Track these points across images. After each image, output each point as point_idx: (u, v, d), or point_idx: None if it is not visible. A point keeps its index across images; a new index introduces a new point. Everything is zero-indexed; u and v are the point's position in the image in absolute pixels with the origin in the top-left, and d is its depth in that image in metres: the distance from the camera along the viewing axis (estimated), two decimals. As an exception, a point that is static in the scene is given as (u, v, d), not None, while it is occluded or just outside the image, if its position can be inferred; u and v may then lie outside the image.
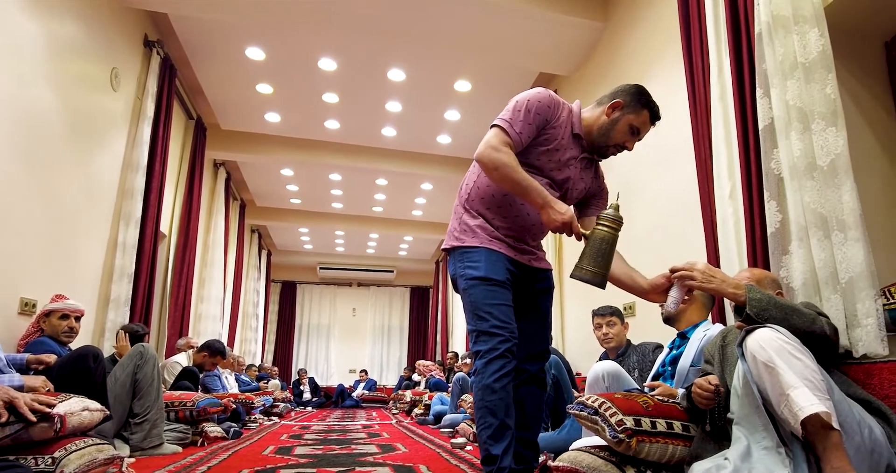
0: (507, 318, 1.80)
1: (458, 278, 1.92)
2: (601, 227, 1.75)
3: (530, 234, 2.00)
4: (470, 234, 1.93)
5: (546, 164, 1.95)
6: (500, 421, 1.71)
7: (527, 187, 1.77)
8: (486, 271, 1.84)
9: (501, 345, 1.75)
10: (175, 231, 5.82)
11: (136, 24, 4.62)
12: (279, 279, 13.01)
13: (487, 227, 1.93)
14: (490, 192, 1.94)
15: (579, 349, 4.37)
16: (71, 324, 3.01)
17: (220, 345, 4.60)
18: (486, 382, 1.72)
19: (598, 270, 1.75)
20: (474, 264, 1.87)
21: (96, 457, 2.01)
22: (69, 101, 3.67)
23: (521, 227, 1.96)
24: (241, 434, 4.10)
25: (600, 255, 1.75)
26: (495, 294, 1.82)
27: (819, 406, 1.31)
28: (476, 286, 1.84)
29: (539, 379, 2.00)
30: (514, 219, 1.95)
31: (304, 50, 5.17)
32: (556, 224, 1.74)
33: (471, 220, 1.96)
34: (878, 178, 2.38)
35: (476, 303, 1.82)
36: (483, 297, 1.82)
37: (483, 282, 1.83)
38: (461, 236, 1.94)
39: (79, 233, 3.89)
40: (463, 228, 1.96)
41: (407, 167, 7.45)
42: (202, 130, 6.36)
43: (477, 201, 1.97)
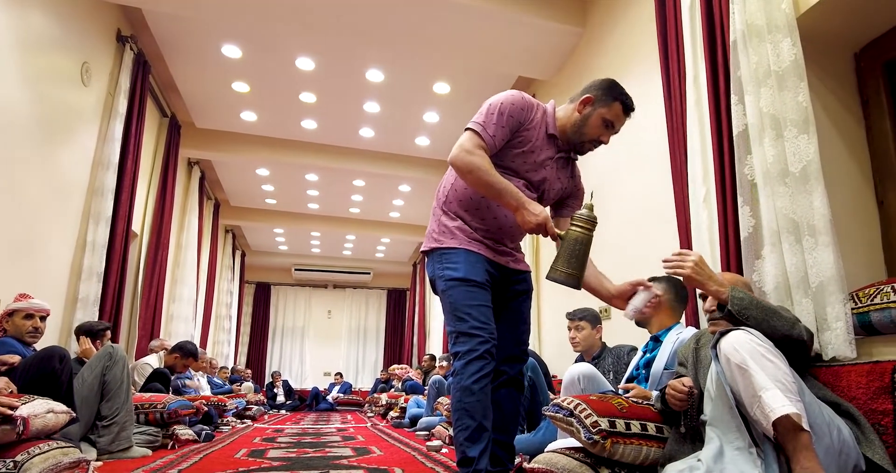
0: (487, 319, 1.80)
1: (437, 279, 1.90)
2: (575, 228, 1.76)
3: (508, 236, 2.00)
4: (449, 235, 1.92)
5: (521, 166, 1.96)
6: (477, 423, 1.70)
7: (501, 190, 1.77)
8: (465, 273, 1.84)
9: (480, 346, 1.74)
10: (147, 230, 5.71)
11: (109, 19, 4.53)
12: (253, 281, 12.84)
13: (466, 228, 1.93)
14: (468, 194, 1.94)
15: (555, 352, 4.40)
16: (36, 324, 2.92)
17: (192, 347, 4.52)
18: (464, 383, 1.71)
19: (572, 271, 1.75)
20: (453, 265, 1.86)
21: (61, 461, 1.95)
22: (37, 94, 3.58)
23: (498, 229, 1.96)
24: (213, 436, 4.03)
25: (574, 256, 1.75)
26: (474, 295, 1.82)
27: (790, 408, 1.33)
28: (455, 288, 1.83)
29: (517, 381, 1.99)
30: (491, 220, 1.95)
31: (282, 48, 5.12)
32: (530, 226, 1.74)
33: (449, 222, 1.95)
34: (847, 184, 2.44)
35: (455, 304, 1.81)
36: (462, 298, 1.81)
37: (462, 283, 1.83)
38: (440, 238, 1.94)
39: (45, 231, 3.79)
40: (442, 229, 1.95)
41: (385, 169, 7.42)
42: (176, 127, 6.25)
43: (455, 203, 1.97)
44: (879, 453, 1.45)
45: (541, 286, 5.03)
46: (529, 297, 2.08)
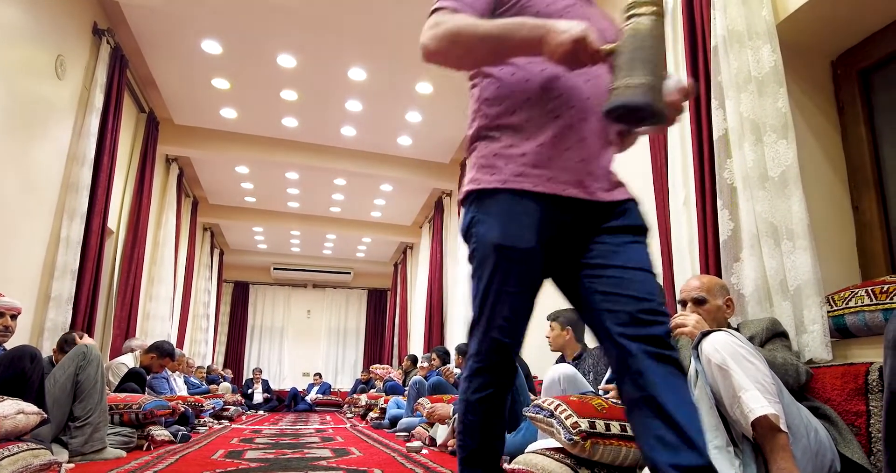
0: (513, 315, 1.27)
1: (468, 233, 1.36)
2: (635, 17, 1.10)
3: (584, 135, 1.30)
4: (488, 169, 1.31)
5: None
6: (475, 446, 1.33)
7: (506, 31, 1.20)
8: (501, 234, 1.26)
9: (492, 357, 1.28)
10: (123, 228, 5.61)
11: (85, 11, 4.43)
12: (231, 279, 12.69)
13: (514, 150, 1.30)
14: (505, 92, 1.33)
15: (536, 353, 4.41)
16: (6, 323, 2.83)
17: (169, 347, 4.44)
18: (467, 396, 1.32)
19: (645, 80, 1.05)
20: (487, 220, 1.29)
21: (31, 463, 1.91)
22: (9, 88, 3.49)
23: (569, 125, 1.29)
24: (189, 437, 3.97)
25: (645, 57, 1.07)
26: (507, 275, 1.26)
27: (768, 409, 1.35)
28: (486, 259, 1.28)
29: (662, 356, 1.14)
30: (554, 102, 1.28)
31: (263, 45, 5.06)
32: (564, 47, 1.12)
33: (491, 144, 1.33)
34: (824, 189, 2.49)
35: (479, 285, 1.29)
36: (490, 278, 1.27)
37: (494, 253, 1.26)
38: (478, 176, 1.34)
39: (16, 227, 3.70)
40: (481, 162, 1.34)
41: (366, 168, 7.38)
42: (154, 123, 6.15)
43: (493, 113, 1.35)
44: (858, 452, 1.48)
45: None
46: (642, 237, 1.35)
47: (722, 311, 1.93)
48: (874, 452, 1.57)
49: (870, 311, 1.86)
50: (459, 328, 6.10)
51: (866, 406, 1.65)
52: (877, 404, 1.62)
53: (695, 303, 1.95)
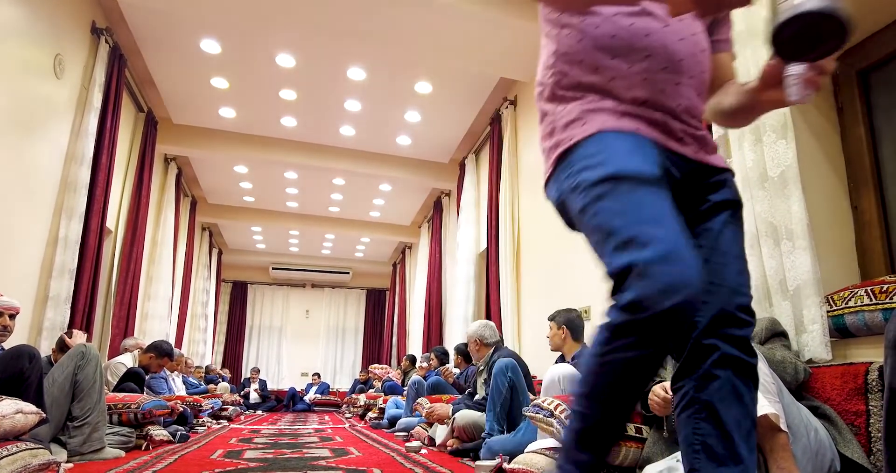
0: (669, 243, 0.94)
1: (571, 196, 1.10)
2: None
3: (676, 85, 1.13)
4: (579, 123, 1.13)
5: None
6: (600, 417, 0.96)
7: None
8: (620, 164, 1.03)
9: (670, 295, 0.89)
10: (122, 227, 5.60)
11: (84, 10, 4.42)
12: (230, 279, 12.68)
13: (605, 102, 1.13)
14: (587, 46, 1.16)
15: (536, 352, 4.41)
16: (4, 322, 2.82)
17: (167, 346, 4.44)
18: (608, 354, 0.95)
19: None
20: (593, 160, 1.07)
21: (30, 463, 1.90)
22: (7, 87, 3.48)
23: (661, 89, 1.12)
24: (188, 437, 3.96)
25: None
26: (643, 197, 1.00)
27: (768, 408, 1.35)
28: (605, 196, 1.02)
29: (743, 363, 1.05)
30: (642, 63, 1.12)
31: (262, 44, 5.05)
32: None
33: (571, 104, 1.17)
34: (823, 189, 2.49)
35: (610, 221, 1.00)
36: (622, 206, 1.00)
37: (618, 183, 1.01)
38: (568, 133, 1.14)
39: (14, 226, 3.69)
40: (566, 119, 1.15)
41: (365, 167, 7.38)
42: (153, 123, 6.14)
43: (572, 71, 1.17)
44: (858, 452, 1.48)
45: (522, 279, 5.05)
46: (738, 215, 1.17)
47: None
48: (874, 451, 1.57)
49: (869, 311, 1.86)
50: (458, 328, 6.10)
51: (866, 406, 1.65)
52: (876, 403, 1.62)
53: None
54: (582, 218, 1.07)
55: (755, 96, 1.07)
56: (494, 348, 3.64)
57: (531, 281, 4.89)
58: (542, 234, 4.74)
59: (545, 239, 4.67)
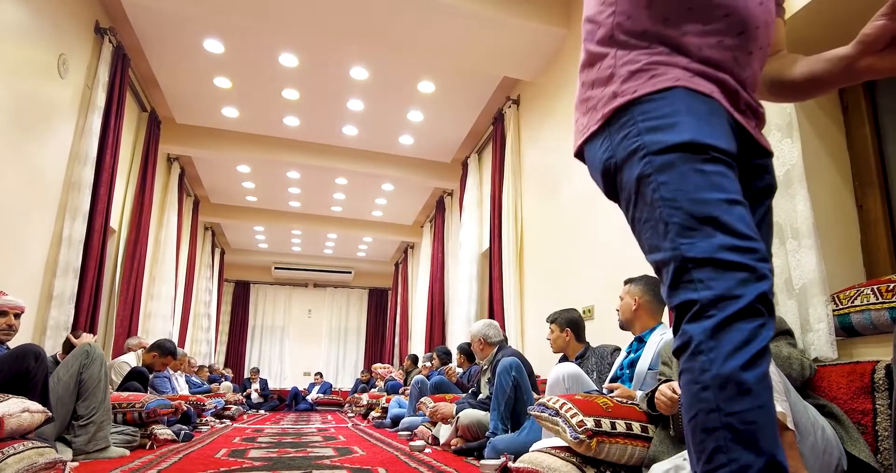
0: (751, 229, 0.88)
1: (626, 160, 0.98)
2: None
3: (749, 54, 1.04)
4: (645, 74, 1.00)
5: None
6: (766, 459, 0.77)
7: None
8: (695, 131, 0.92)
9: (749, 288, 0.83)
10: (125, 227, 5.61)
11: (87, 10, 4.43)
12: (232, 279, 12.70)
13: (676, 57, 1.00)
14: None
15: (539, 352, 4.41)
16: (9, 321, 2.84)
17: (170, 345, 4.44)
18: (724, 370, 0.80)
19: None
20: (663, 121, 0.94)
21: (36, 461, 1.91)
22: (11, 87, 3.49)
23: (734, 56, 1.03)
24: (192, 436, 3.97)
25: None
26: (718, 179, 0.90)
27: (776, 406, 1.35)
28: (675, 166, 0.91)
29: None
30: (718, 23, 1.01)
31: (265, 44, 5.06)
32: None
33: (638, 52, 1.02)
34: (828, 188, 2.48)
35: (679, 199, 0.90)
36: (695, 185, 0.89)
37: (691, 156, 0.91)
38: (630, 85, 1.00)
39: (19, 226, 3.70)
40: (629, 69, 1.02)
41: (368, 167, 7.38)
42: (156, 123, 6.15)
43: (640, 15, 1.03)
44: (865, 451, 1.48)
45: (525, 279, 5.05)
46: (771, 203, 1.13)
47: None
48: (881, 450, 1.57)
49: (876, 309, 1.86)
50: (461, 328, 6.10)
51: (872, 405, 1.65)
52: (883, 402, 1.62)
53: None
54: (637, 188, 0.96)
55: (850, 64, 0.96)
56: (498, 347, 3.64)
57: (534, 280, 4.89)
58: (546, 233, 4.74)
59: (548, 239, 4.67)
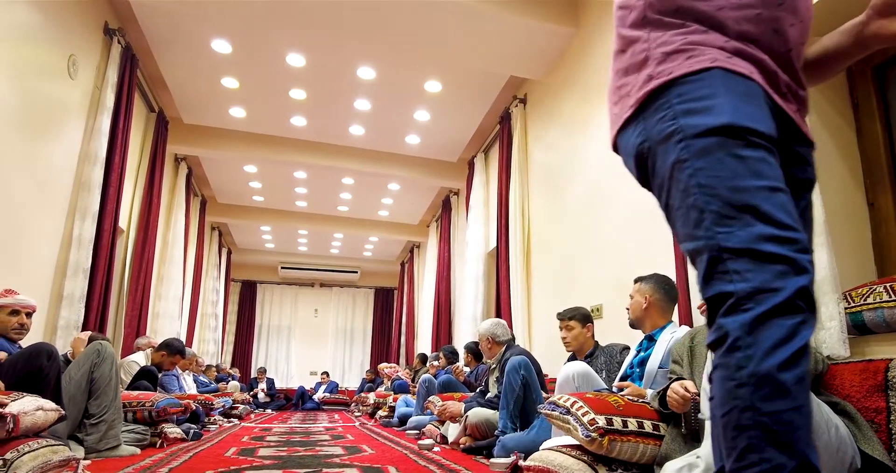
0: (792, 218, 0.84)
1: (661, 144, 0.94)
2: None
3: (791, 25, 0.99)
4: (682, 55, 0.95)
5: None
6: (798, 462, 0.75)
7: None
8: (736, 113, 0.88)
9: (788, 281, 0.79)
10: (133, 227, 5.63)
11: (96, 11, 4.46)
12: (239, 279, 12.74)
13: (711, 35, 0.96)
14: None
15: (547, 351, 4.41)
16: (22, 320, 2.86)
17: (179, 344, 4.46)
18: (762, 368, 0.77)
19: None
20: (700, 103, 0.90)
21: (51, 459, 1.92)
22: (22, 87, 3.51)
23: (772, 16, 0.97)
24: (201, 435, 3.99)
25: None
26: (758, 165, 0.86)
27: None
28: (713, 150, 0.87)
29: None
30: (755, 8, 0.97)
31: (273, 44, 5.07)
32: None
33: (671, 32, 0.99)
34: (839, 186, 2.47)
35: (717, 186, 0.86)
36: (736, 172, 0.85)
37: (728, 139, 0.87)
38: (666, 66, 0.96)
39: (30, 226, 3.72)
40: (664, 50, 0.97)
41: (374, 167, 7.39)
42: (164, 123, 6.18)
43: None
44: (878, 449, 1.47)
45: (532, 278, 5.04)
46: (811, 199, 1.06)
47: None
48: (895, 449, 1.56)
49: (889, 307, 1.85)
50: (467, 327, 6.10)
51: (886, 403, 1.64)
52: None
53: None
54: (671, 174, 0.91)
55: (860, 31, 0.96)
56: (506, 346, 3.65)
57: (542, 279, 4.89)
58: (553, 232, 4.73)
59: (556, 237, 4.67)
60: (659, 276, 2.54)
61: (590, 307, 3.68)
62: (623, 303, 3.03)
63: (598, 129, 4.08)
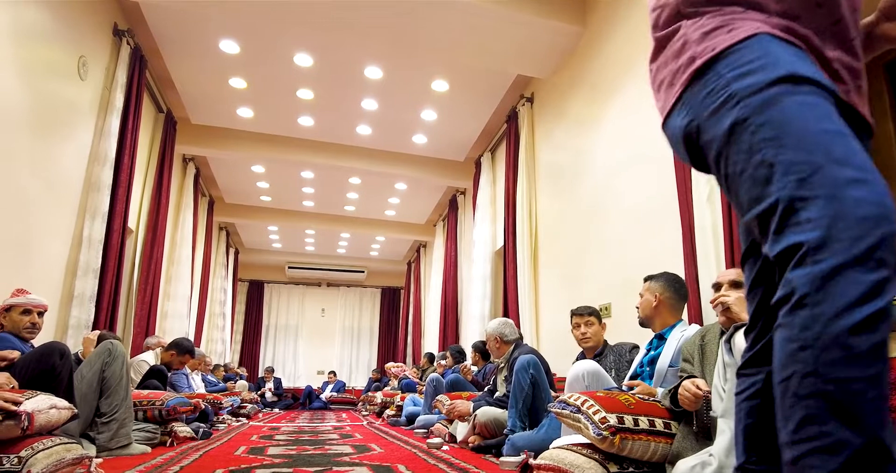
0: (870, 163, 0.77)
1: (712, 117, 0.88)
2: None
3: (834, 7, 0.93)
4: (723, 29, 0.92)
5: None
6: (865, 440, 0.65)
7: None
8: (793, 65, 0.83)
9: (870, 229, 0.70)
10: (143, 227, 5.67)
11: (106, 12, 4.48)
12: (246, 278, 12.78)
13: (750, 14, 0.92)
14: None
15: (554, 350, 4.41)
16: (33, 319, 2.88)
17: (188, 344, 4.49)
18: (831, 330, 0.68)
19: None
20: (751, 65, 0.85)
21: (64, 457, 1.93)
22: (33, 89, 3.54)
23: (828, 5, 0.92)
24: (210, 434, 4.00)
25: None
26: (828, 111, 0.80)
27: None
28: (777, 101, 0.80)
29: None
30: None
31: (280, 44, 5.09)
32: None
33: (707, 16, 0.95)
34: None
35: (784, 135, 0.78)
36: (804, 117, 0.79)
37: (793, 86, 0.81)
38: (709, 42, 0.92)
39: (41, 226, 3.75)
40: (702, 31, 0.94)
41: (381, 166, 7.40)
42: (172, 123, 6.21)
43: None
44: (895, 447, 1.46)
45: (540, 277, 5.04)
46: None
47: (755, 302, 1.91)
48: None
49: (902, 305, 1.83)
50: (475, 326, 6.10)
51: (900, 401, 1.63)
52: (911, 399, 1.60)
53: (731, 286, 1.94)
54: (728, 139, 0.84)
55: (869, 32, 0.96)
56: (515, 345, 3.64)
57: (549, 279, 4.88)
58: (561, 231, 4.72)
59: (563, 237, 4.66)
60: (669, 274, 2.53)
61: (598, 306, 3.68)
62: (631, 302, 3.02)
63: (606, 128, 4.08)
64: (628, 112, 3.78)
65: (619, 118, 3.91)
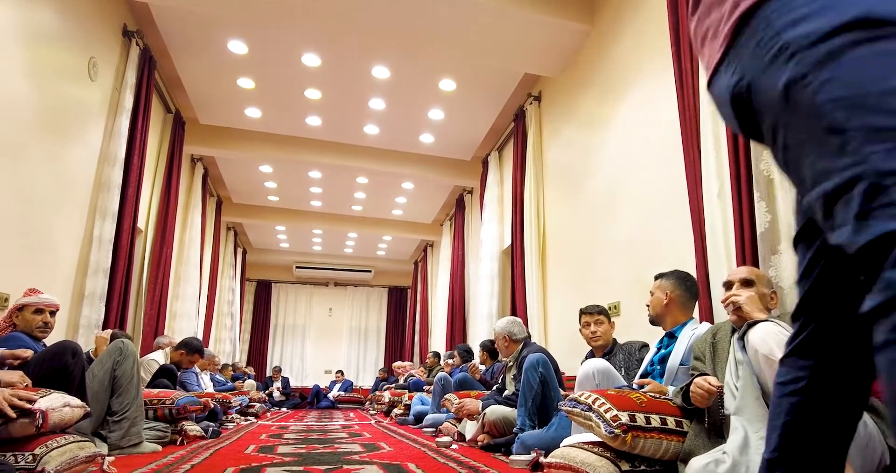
0: None
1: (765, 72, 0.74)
2: None
3: None
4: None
5: None
6: None
7: None
8: (864, 3, 0.65)
9: None
10: (152, 227, 5.70)
11: (115, 13, 4.51)
12: (254, 278, 12.83)
13: None
14: None
15: (563, 348, 4.39)
16: (45, 319, 2.90)
17: (198, 343, 4.51)
18: None
19: None
20: (808, 7, 0.70)
21: (77, 455, 1.95)
22: (43, 90, 3.56)
23: None
24: (219, 433, 4.02)
25: None
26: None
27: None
28: (843, 52, 0.64)
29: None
30: None
31: (288, 45, 5.10)
32: None
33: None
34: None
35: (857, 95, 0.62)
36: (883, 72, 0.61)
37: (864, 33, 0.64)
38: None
39: (52, 226, 3.78)
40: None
41: (388, 166, 7.41)
42: (180, 123, 6.24)
43: None
44: (911, 445, 1.45)
45: (548, 276, 5.03)
46: None
47: (766, 299, 1.91)
48: (925, 445, 1.54)
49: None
50: (482, 325, 6.10)
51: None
52: (926, 396, 1.59)
53: (742, 284, 1.93)
54: (785, 102, 0.70)
55: None
56: (523, 344, 3.64)
57: (557, 277, 4.87)
58: (568, 230, 4.71)
59: (571, 235, 4.65)
60: (680, 272, 2.52)
61: (607, 304, 3.67)
62: (641, 301, 3.01)
63: (615, 126, 4.06)
64: (638, 111, 3.77)
65: (628, 117, 3.89)
